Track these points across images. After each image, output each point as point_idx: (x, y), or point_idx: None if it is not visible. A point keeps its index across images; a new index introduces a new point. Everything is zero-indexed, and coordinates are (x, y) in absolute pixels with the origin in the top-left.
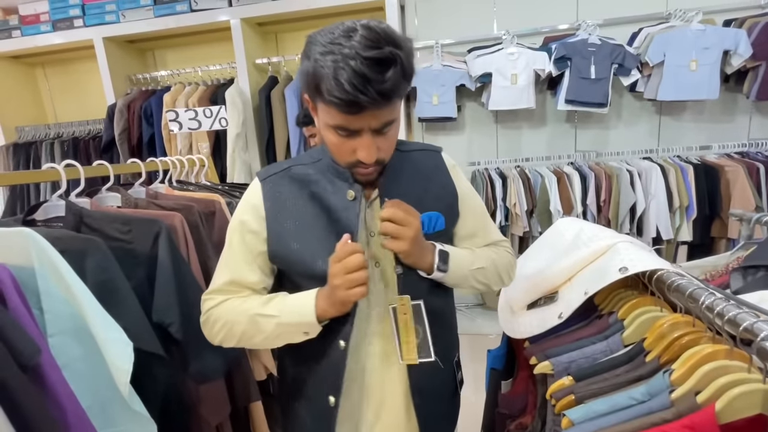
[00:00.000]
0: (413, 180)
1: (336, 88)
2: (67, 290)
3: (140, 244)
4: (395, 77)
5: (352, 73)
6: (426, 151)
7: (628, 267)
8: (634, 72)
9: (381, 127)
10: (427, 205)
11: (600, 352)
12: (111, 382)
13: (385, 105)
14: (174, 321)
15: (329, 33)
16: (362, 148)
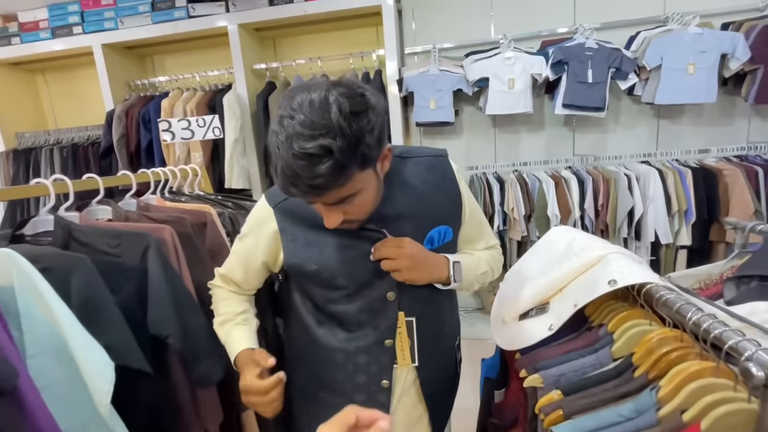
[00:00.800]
0: (416, 193)
1: (274, 173)
2: (47, 311)
3: (129, 257)
4: (327, 172)
5: (284, 165)
6: (431, 158)
7: (617, 280)
8: (632, 76)
9: (338, 202)
10: (435, 219)
11: (589, 365)
12: (91, 403)
13: (324, 196)
14: (172, 332)
15: (288, 105)
16: (324, 217)
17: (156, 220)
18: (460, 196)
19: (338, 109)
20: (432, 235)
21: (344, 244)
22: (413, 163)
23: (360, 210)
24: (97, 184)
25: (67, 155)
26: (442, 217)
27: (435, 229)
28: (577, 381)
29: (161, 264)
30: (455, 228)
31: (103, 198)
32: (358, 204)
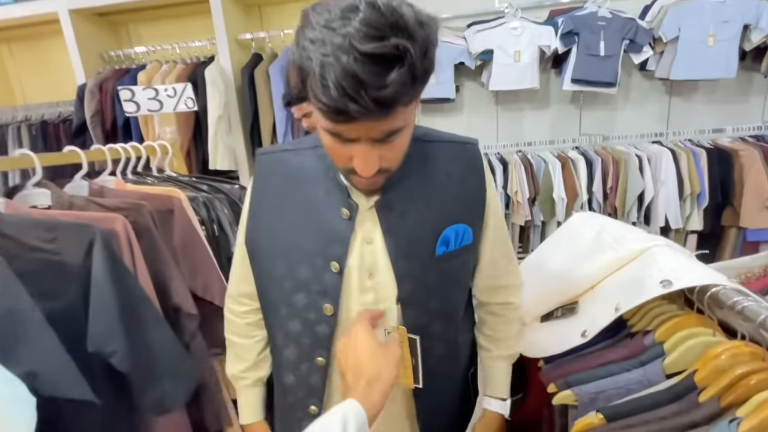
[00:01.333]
0: (434, 179)
1: (321, 91)
2: None
3: (70, 255)
4: (400, 80)
5: (342, 74)
6: (458, 144)
7: (672, 281)
8: (646, 48)
9: (383, 137)
10: (453, 216)
11: (635, 382)
12: None
13: (386, 114)
14: (117, 349)
15: (326, 11)
16: (359, 159)
17: (107, 207)
18: (485, 193)
19: (410, 10)
20: (448, 234)
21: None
22: (436, 147)
23: (395, 156)
24: (31, 162)
25: (36, 133)
26: (462, 214)
27: (452, 227)
28: (622, 403)
29: (109, 262)
30: (475, 231)
31: (41, 180)
32: (396, 146)
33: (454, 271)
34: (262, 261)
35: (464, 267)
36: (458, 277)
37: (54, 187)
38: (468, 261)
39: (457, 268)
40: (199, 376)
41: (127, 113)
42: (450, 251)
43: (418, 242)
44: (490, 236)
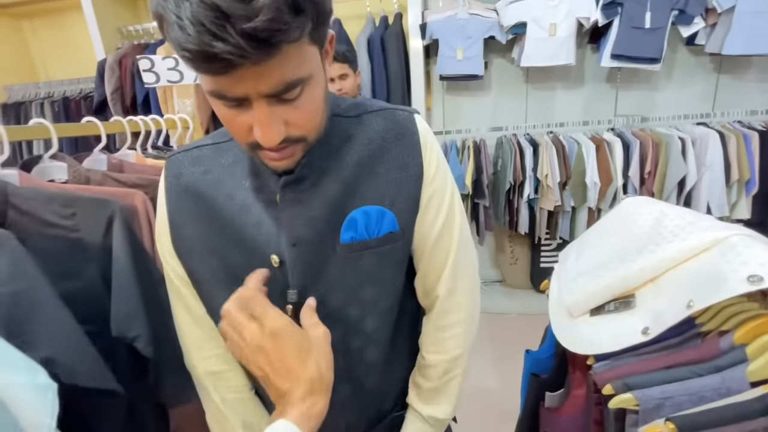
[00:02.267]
0: (354, 156)
1: (180, 34)
2: None
3: (89, 232)
4: (273, 5)
5: (199, 6)
6: (385, 113)
7: (763, 276)
8: (698, 20)
9: (279, 92)
10: (367, 196)
11: (710, 389)
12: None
13: (267, 56)
14: (141, 333)
15: None
16: (257, 124)
17: (125, 183)
18: (421, 166)
19: None
20: (354, 216)
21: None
22: (361, 123)
23: (303, 119)
24: (48, 133)
25: (59, 110)
26: (381, 194)
27: (360, 210)
28: (698, 412)
29: (128, 240)
30: (402, 215)
31: (57, 152)
32: (303, 105)
33: (367, 264)
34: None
35: (383, 261)
36: (375, 275)
37: (71, 160)
38: (389, 253)
39: (371, 261)
40: None
41: (146, 84)
42: (359, 239)
43: (319, 228)
44: (425, 229)
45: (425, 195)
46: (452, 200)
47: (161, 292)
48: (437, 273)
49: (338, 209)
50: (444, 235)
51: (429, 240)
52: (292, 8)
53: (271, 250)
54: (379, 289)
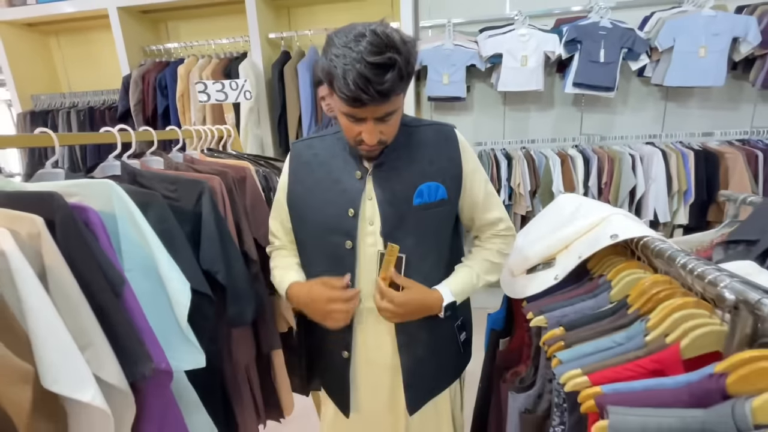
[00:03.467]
0: (415, 152)
1: (344, 86)
2: (139, 234)
3: (185, 201)
4: (393, 79)
5: (357, 75)
6: (436, 126)
7: (619, 234)
8: (643, 57)
9: (382, 117)
10: (427, 175)
11: (589, 308)
12: (170, 314)
13: (385, 101)
14: (220, 269)
15: (344, 36)
16: (366, 133)
17: (201, 171)
18: (460, 161)
19: (397, 35)
20: (422, 188)
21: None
22: (420, 129)
23: (389, 131)
24: (151, 136)
25: (84, 118)
26: (435, 174)
27: (425, 184)
28: (577, 318)
29: (213, 209)
30: (450, 189)
31: (155, 149)
32: (391, 123)
33: (429, 217)
34: (301, 216)
35: (438, 216)
36: (433, 224)
37: (165, 155)
38: (442, 212)
39: (432, 216)
40: (261, 302)
41: (200, 101)
42: (425, 202)
43: (399, 195)
44: (472, 191)
45: (466, 177)
46: (482, 176)
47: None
48: (488, 210)
49: (410, 184)
50: (488, 194)
51: (479, 198)
52: (401, 79)
53: (348, 206)
54: (434, 235)
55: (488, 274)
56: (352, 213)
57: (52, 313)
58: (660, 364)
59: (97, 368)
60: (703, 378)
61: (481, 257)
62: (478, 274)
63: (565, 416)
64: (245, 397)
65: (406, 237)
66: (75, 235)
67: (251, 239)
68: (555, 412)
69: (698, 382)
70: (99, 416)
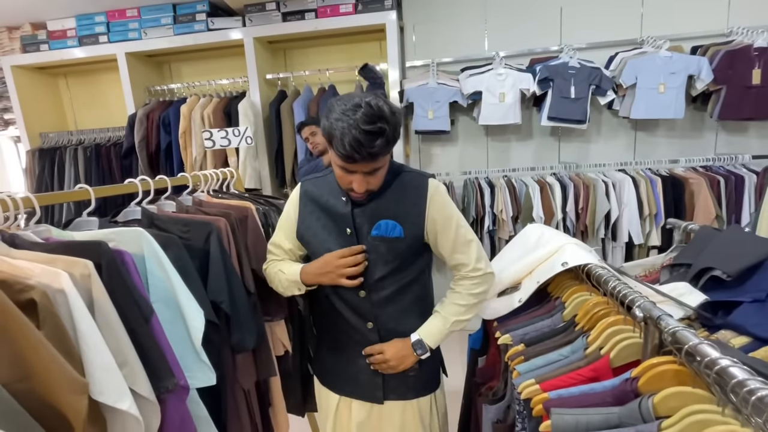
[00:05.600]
0: (389, 194)
1: (341, 146)
2: (163, 271)
3: (196, 241)
4: (381, 144)
5: (352, 139)
6: (414, 174)
7: (569, 261)
8: (610, 93)
9: (370, 171)
10: (389, 214)
11: (546, 326)
12: (187, 338)
13: (373, 161)
14: (225, 300)
15: (343, 104)
16: (356, 183)
17: (208, 213)
18: (424, 206)
19: (387, 107)
20: (380, 223)
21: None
22: (399, 177)
23: (376, 182)
24: (165, 183)
25: (90, 155)
26: (397, 215)
27: (384, 221)
28: (535, 336)
29: (219, 247)
30: (408, 230)
31: (169, 195)
32: (377, 176)
33: (384, 249)
34: (311, 239)
35: (394, 249)
36: (387, 255)
37: (177, 200)
38: (399, 247)
39: (386, 249)
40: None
41: (206, 147)
42: (380, 235)
43: (364, 224)
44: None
45: (429, 222)
46: (453, 222)
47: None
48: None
49: (373, 218)
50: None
51: (448, 242)
52: (388, 143)
53: (345, 227)
54: (385, 264)
55: (457, 315)
56: (349, 232)
57: (98, 338)
58: (595, 372)
59: (131, 382)
60: (622, 382)
61: (450, 301)
62: (446, 317)
63: (526, 422)
64: (243, 418)
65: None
66: (116, 275)
67: (250, 272)
68: (518, 419)
69: (619, 386)
70: (132, 422)
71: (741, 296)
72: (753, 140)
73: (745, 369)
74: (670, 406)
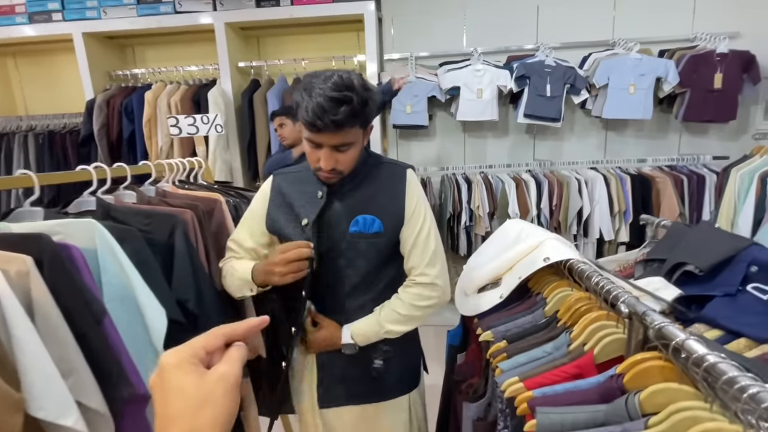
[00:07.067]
0: (365, 186)
1: (305, 112)
2: (119, 267)
3: (159, 234)
4: (346, 112)
5: (316, 105)
6: (392, 165)
7: (550, 257)
8: (584, 92)
9: (338, 146)
10: (368, 209)
11: (528, 323)
12: (147, 340)
13: (338, 131)
14: (191, 298)
15: (316, 76)
16: (323, 159)
17: (173, 205)
18: (403, 199)
19: (359, 81)
20: (358, 219)
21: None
22: (376, 168)
23: (345, 162)
24: (125, 172)
25: (43, 142)
26: (375, 209)
27: (362, 216)
28: (517, 332)
29: (185, 241)
30: (387, 225)
31: (129, 184)
32: (347, 155)
33: (362, 246)
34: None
35: (373, 246)
36: (366, 253)
37: (138, 190)
38: (377, 243)
39: (365, 245)
40: None
41: (172, 135)
42: (359, 231)
43: (340, 220)
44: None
45: (406, 216)
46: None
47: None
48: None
49: (350, 213)
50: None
51: (410, 240)
52: (353, 116)
53: (303, 218)
54: (365, 262)
55: (393, 324)
56: (305, 223)
57: (38, 344)
58: (579, 369)
59: (78, 394)
60: (607, 379)
61: (391, 306)
62: (381, 322)
63: (508, 421)
64: None
65: (338, 258)
66: (60, 272)
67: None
68: (500, 417)
69: (604, 382)
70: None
71: (713, 290)
72: (713, 142)
73: (734, 365)
74: (656, 403)
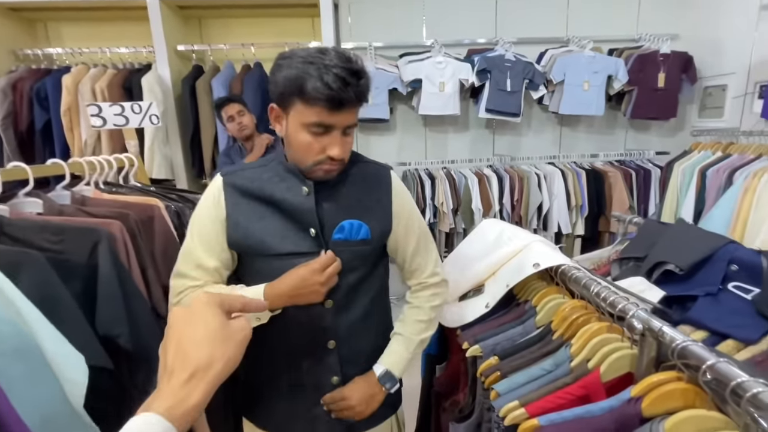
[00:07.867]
0: (348, 187)
1: (323, 87)
2: (10, 309)
3: (75, 254)
4: (365, 84)
5: (335, 77)
6: (373, 166)
7: (540, 263)
8: (542, 88)
9: (349, 126)
10: (353, 213)
11: (518, 334)
12: (57, 397)
13: (358, 105)
14: (122, 332)
15: (304, 51)
16: (335, 145)
17: (95, 215)
18: (390, 202)
19: None
20: (344, 224)
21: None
22: (357, 167)
23: (347, 149)
24: (25, 173)
25: None
26: (362, 214)
27: (348, 221)
28: (509, 347)
29: (112, 261)
30: (376, 229)
31: (32, 190)
32: (350, 139)
33: (347, 254)
34: (253, 250)
35: (359, 254)
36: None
37: (45, 196)
38: (364, 251)
39: (350, 253)
40: None
41: (93, 126)
42: (343, 238)
43: (326, 226)
44: (402, 236)
45: (395, 219)
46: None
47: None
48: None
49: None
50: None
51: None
52: (368, 89)
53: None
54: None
55: (422, 333)
56: (314, 233)
57: None
58: (586, 389)
59: None
60: (622, 403)
61: (411, 318)
62: (410, 338)
63: None
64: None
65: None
66: None
67: (161, 290)
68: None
69: (619, 408)
70: None
71: (693, 290)
72: (654, 138)
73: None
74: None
